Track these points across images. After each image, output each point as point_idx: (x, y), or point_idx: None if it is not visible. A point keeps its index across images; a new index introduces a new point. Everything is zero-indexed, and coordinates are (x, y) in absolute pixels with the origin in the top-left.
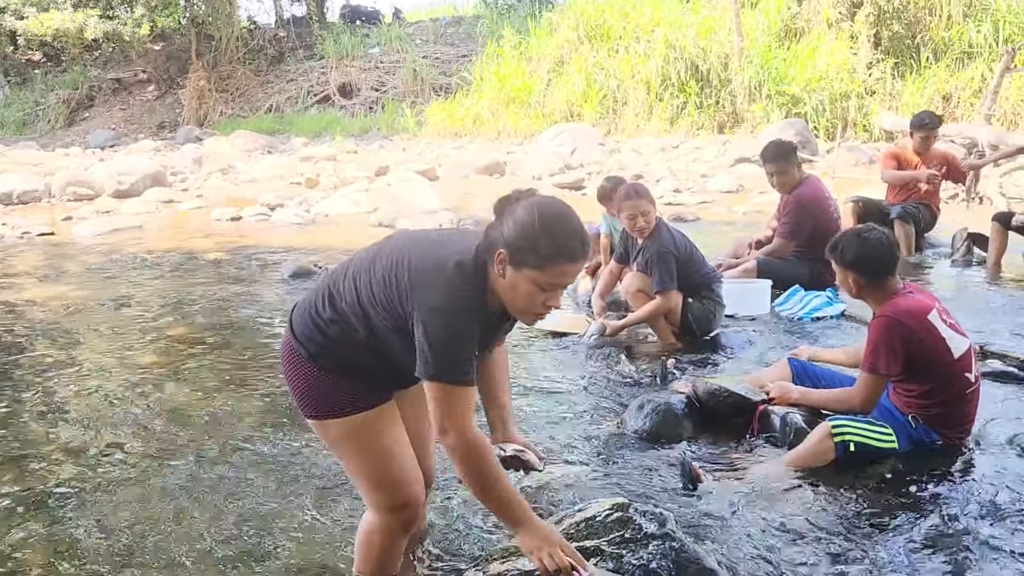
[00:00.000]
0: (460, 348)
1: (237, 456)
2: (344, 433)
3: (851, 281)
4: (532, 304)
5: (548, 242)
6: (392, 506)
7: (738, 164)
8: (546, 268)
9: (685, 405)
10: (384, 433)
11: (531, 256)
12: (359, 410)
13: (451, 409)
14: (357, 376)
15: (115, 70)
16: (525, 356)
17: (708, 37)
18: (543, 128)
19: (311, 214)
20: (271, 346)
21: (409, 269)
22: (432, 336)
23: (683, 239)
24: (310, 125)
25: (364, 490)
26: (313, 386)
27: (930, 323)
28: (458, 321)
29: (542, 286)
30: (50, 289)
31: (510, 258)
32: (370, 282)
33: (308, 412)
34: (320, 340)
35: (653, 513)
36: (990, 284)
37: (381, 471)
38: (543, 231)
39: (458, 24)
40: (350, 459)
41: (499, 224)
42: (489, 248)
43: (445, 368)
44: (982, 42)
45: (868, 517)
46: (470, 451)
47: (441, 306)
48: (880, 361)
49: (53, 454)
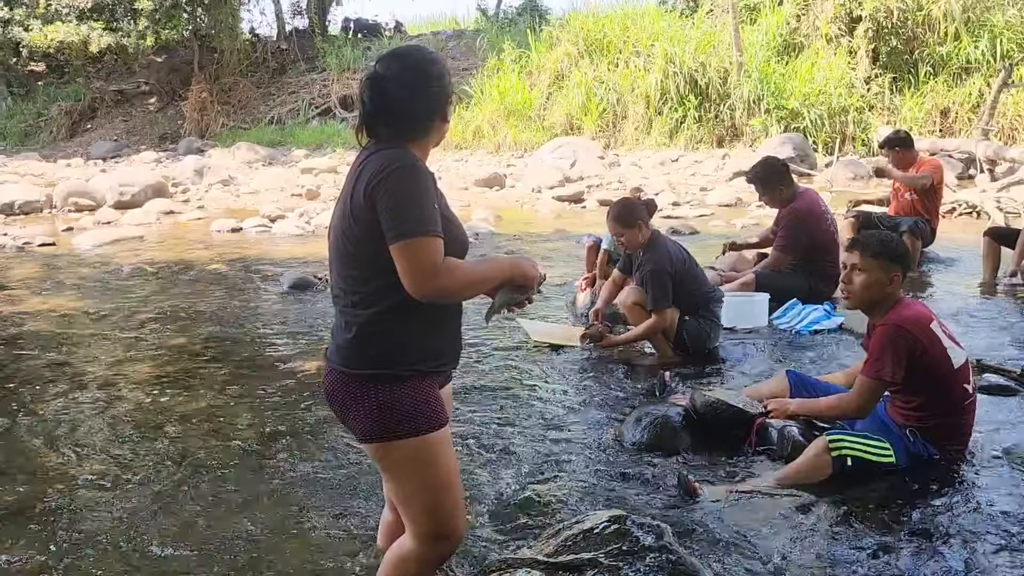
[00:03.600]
0: (424, 199)
1: (235, 467)
2: (407, 456)
3: (893, 276)
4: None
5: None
6: (438, 535)
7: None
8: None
9: (683, 417)
10: (445, 460)
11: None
12: (425, 429)
13: (424, 263)
14: (427, 347)
15: (118, 81)
16: (522, 369)
17: (707, 52)
18: (543, 141)
19: (311, 226)
20: (271, 357)
21: (352, 198)
22: (394, 193)
23: (682, 255)
24: (311, 137)
25: (413, 516)
26: (380, 406)
27: (933, 332)
28: (415, 173)
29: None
30: (50, 300)
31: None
32: (341, 252)
33: (371, 436)
34: (379, 341)
35: (650, 525)
36: (985, 299)
37: (436, 498)
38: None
39: (459, 38)
40: (406, 483)
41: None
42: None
43: (412, 222)
44: (980, 58)
45: (866, 531)
46: (447, 286)
47: (394, 164)
48: (885, 368)
49: (50, 464)
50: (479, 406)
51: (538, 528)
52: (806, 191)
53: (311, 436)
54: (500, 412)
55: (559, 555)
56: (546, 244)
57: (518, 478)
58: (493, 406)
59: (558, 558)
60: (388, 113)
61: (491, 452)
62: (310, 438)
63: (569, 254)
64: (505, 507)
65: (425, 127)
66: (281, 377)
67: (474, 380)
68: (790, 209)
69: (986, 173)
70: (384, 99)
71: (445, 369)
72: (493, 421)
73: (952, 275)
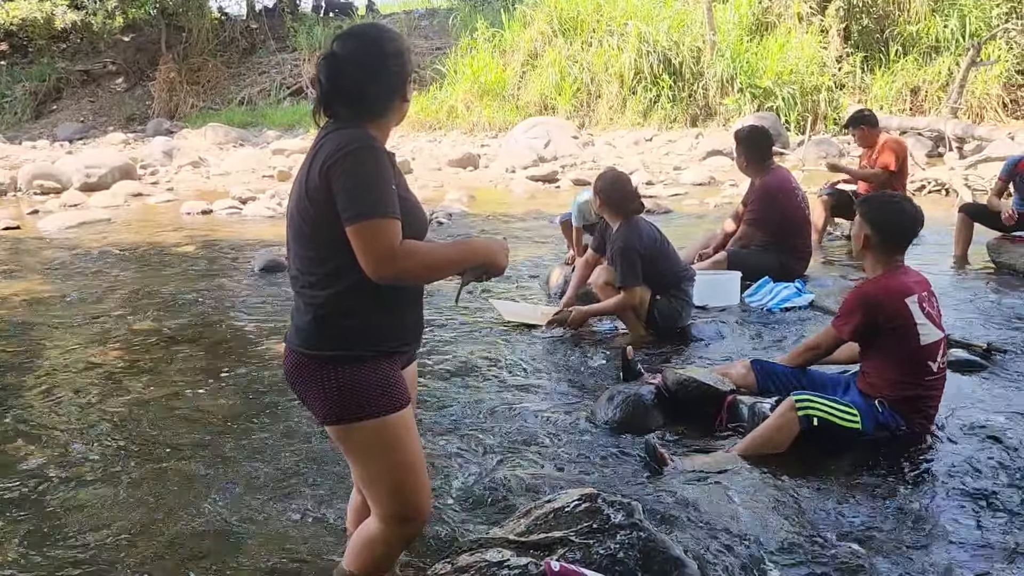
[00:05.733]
0: (380, 180)
1: (205, 453)
2: (369, 438)
3: (864, 236)
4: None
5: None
6: (404, 516)
7: (710, 157)
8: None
9: (654, 396)
10: (408, 441)
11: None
12: (386, 410)
13: (380, 245)
14: (387, 327)
15: (83, 62)
16: (494, 348)
17: (680, 30)
18: (517, 121)
19: (283, 208)
20: (241, 340)
21: (307, 179)
22: (350, 174)
23: (653, 234)
24: (283, 118)
25: (378, 498)
26: (340, 388)
27: (904, 305)
28: (372, 154)
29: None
30: (15, 284)
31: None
32: (298, 232)
33: (332, 419)
34: (337, 322)
35: (621, 503)
36: (956, 275)
37: (400, 479)
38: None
39: (432, 17)
40: (369, 465)
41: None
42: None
43: (368, 204)
44: (949, 37)
45: (834, 501)
46: (406, 268)
47: (351, 145)
48: (846, 326)
49: (14, 452)
50: (449, 385)
51: (509, 508)
52: (778, 169)
53: (282, 420)
54: (470, 392)
55: (530, 534)
56: (520, 224)
57: (489, 458)
58: (463, 386)
59: (529, 537)
60: (345, 93)
61: (461, 432)
62: (281, 422)
63: (543, 234)
64: (476, 488)
65: (383, 107)
66: (253, 360)
67: (443, 360)
68: (761, 183)
69: (955, 151)
70: (340, 79)
71: (407, 350)
72: (463, 401)
73: (921, 251)
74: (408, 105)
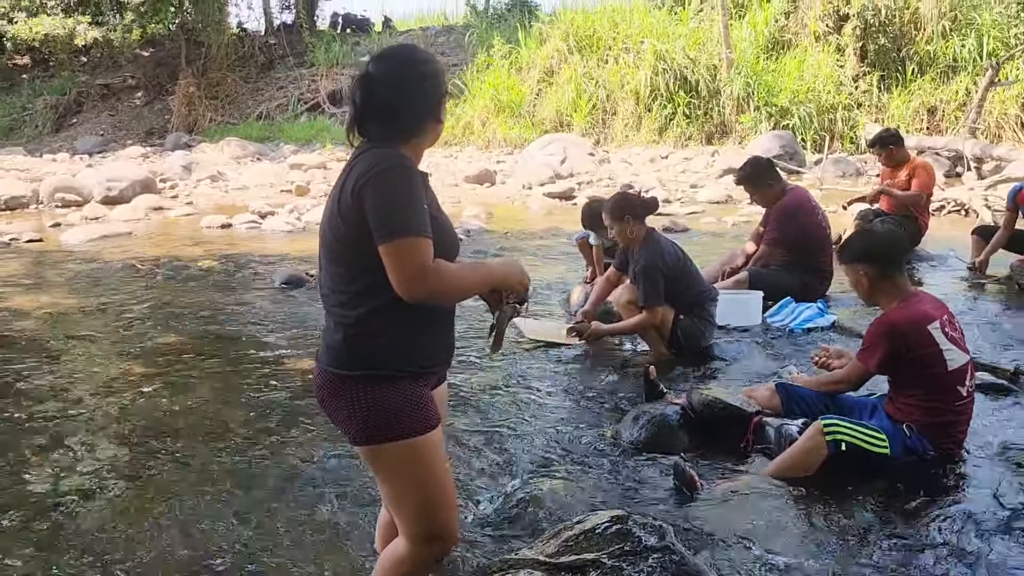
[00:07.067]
0: (413, 200)
1: (229, 468)
2: (399, 458)
3: (861, 276)
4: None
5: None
6: (431, 535)
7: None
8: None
9: (680, 416)
10: (437, 461)
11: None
12: (417, 431)
13: (413, 264)
14: (417, 347)
15: (104, 76)
16: (518, 367)
17: (697, 48)
18: (533, 137)
19: (302, 222)
20: (262, 355)
21: (340, 197)
22: (383, 193)
23: (676, 253)
24: (300, 133)
25: (405, 518)
26: (370, 408)
27: (928, 333)
28: (405, 173)
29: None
30: (39, 297)
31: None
32: (330, 250)
33: (362, 439)
34: (368, 342)
35: (652, 525)
36: (975, 297)
37: (429, 499)
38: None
39: (448, 33)
40: (398, 485)
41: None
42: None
43: (401, 223)
44: (967, 56)
45: (864, 525)
46: (436, 289)
47: (383, 164)
48: (871, 359)
49: (39, 467)
50: (473, 406)
51: (537, 529)
52: (796, 188)
53: (305, 435)
54: (495, 411)
55: (561, 555)
56: (538, 241)
57: (515, 478)
58: (487, 405)
59: (560, 559)
60: (379, 113)
61: (487, 452)
62: (305, 437)
63: (561, 251)
64: (503, 508)
65: (417, 127)
66: (274, 375)
67: (468, 379)
68: (779, 205)
69: (973, 171)
70: (375, 99)
71: (437, 370)
72: (488, 421)
73: (941, 273)
74: (441, 126)
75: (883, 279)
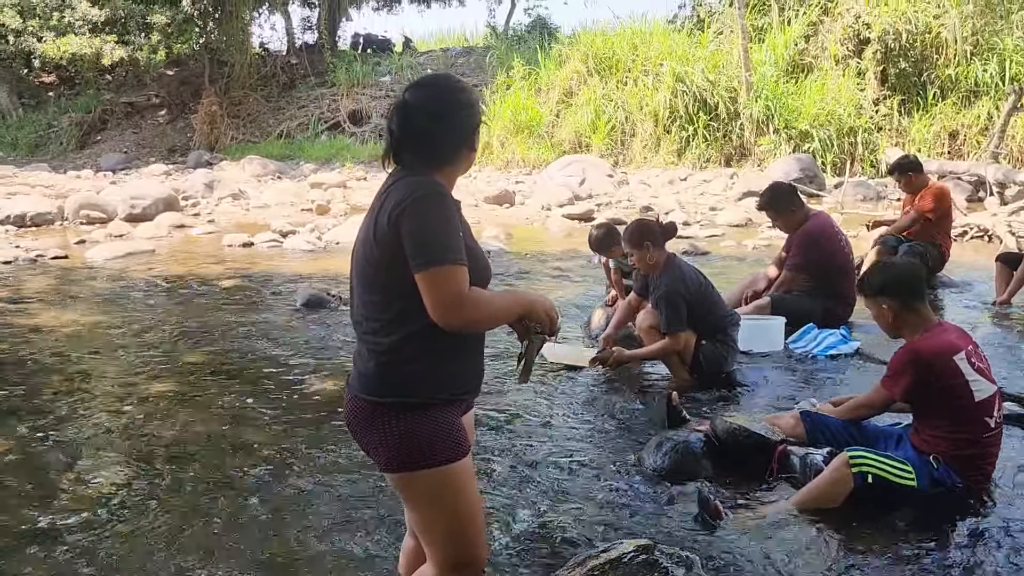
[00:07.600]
0: (449, 228)
1: (252, 488)
2: (431, 486)
3: (884, 309)
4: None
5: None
6: (460, 563)
7: (746, 197)
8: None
9: (703, 443)
10: (468, 489)
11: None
12: (449, 459)
13: (450, 291)
14: (449, 374)
15: (128, 94)
16: (539, 392)
17: (716, 71)
18: (552, 158)
19: (323, 241)
20: (286, 375)
21: (375, 224)
22: (419, 221)
23: (698, 278)
24: (320, 151)
25: (435, 544)
26: (402, 436)
27: (955, 363)
28: (440, 201)
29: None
30: (64, 314)
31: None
32: (363, 277)
33: (394, 466)
34: (401, 369)
35: (679, 556)
36: (1000, 326)
37: (459, 527)
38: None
39: (468, 55)
40: (429, 512)
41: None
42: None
43: (437, 250)
44: (988, 80)
45: (890, 558)
46: (473, 317)
47: (419, 192)
48: (895, 388)
49: (64, 485)
50: (495, 430)
51: (561, 557)
52: (819, 213)
53: (329, 456)
54: (518, 437)
55: None
56: (558, 263)
57: (538, 505)
58: (510, 431)
59: None
60: (414, 140)
61: (510, 479)
62: (328, 458)
63: (581, 274)
64: (526, 535)
65: (451, 156)
66: (297, 395)
67: (490, 404)
68: (802, 230)
69: (996, 196)
70: (411, 127)
71: (468, 397)
72: (511, 446)
73: (965, 299)
74: (474, 155)
75: (906, 310)
